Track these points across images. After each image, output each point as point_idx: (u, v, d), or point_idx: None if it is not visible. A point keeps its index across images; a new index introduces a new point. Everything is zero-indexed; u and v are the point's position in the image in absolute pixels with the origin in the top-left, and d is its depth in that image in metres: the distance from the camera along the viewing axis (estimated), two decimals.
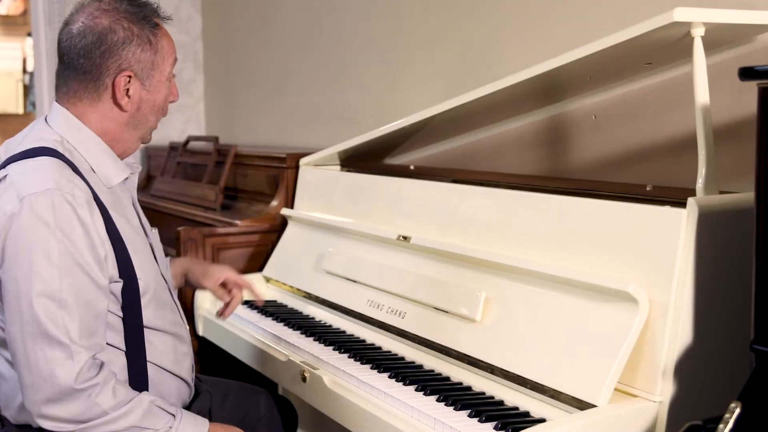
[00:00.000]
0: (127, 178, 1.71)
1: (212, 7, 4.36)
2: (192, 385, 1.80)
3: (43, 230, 1.47)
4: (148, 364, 1.65)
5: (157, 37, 1.65)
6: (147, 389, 1.64)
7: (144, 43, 1.63)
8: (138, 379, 1.63)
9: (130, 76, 1.63)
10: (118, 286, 1.59)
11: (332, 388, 1.76)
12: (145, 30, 1.63)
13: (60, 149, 1.59)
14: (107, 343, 1.59)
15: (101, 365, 1.52)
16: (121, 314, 1.60)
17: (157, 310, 1.67)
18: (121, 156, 1.71)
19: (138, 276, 1.62)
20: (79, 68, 1.62)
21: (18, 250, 1.47)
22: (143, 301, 1.63)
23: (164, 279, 1.76)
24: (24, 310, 1.47)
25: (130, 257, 1.60)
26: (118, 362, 1.61)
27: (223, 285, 2.04)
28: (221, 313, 2.02)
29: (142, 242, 1.70)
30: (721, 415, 1.12)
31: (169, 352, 1.70)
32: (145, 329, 1.64)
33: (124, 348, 1.61)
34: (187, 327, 1.83)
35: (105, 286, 1.54)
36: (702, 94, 1.53)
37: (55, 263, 1.47)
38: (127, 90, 1.63)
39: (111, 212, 1.60)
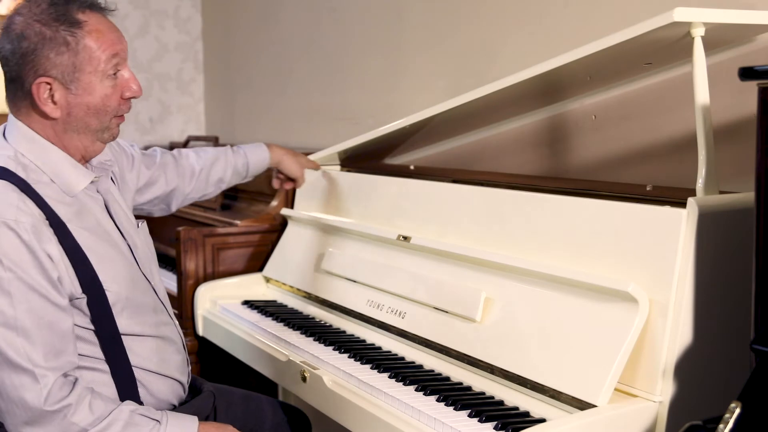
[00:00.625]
0: (93, 182, 1.66)
1: (212, 7, 4.36)
2: (185, 382, 1.78)
3: None
4: (134, 368, 1.63)
5: (78, 37, 1.54)
6: (137, 392, 1.63)
7: (59, 45, 1.53)
8: (126, 385, 1.61)
9: (49, 83, 1.54)
10: (82, 302, 1.56)
11: (332, 388, 1.76)
12: (61, 31, 1.53)
13: (12, 166, 1.54)
14: (87, 355, 1.57)
15: (75, 382, 1.51)
16: (92, 327, 1.58)
17: (134, 316, 1.64)
18: (83, 160, 1.65)
19: (106, 287, 1.58)
20: (6, 77, 1.57)
21: None
22: (115, 311, 1.60)
23: (146, 278, 1.72)
24: None
25: (95, 270, 1.57)
26: (102, 371, 1.59)
27: None
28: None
29: (114, 248, 1.65)
30: (721, 415, 1.12)
31: (152, 355, 1.67)
32: (122, 337, 1.61)
33: (103, 357, 1.59)
34: (176, 322, 1.80)
35: (65, 305, 1.52)
36: (702, 94, 1.53)
37: (5, 291, 1.46)
38: (52, 96, 1.55)
39: (70, 225, 1.56)
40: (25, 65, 1.54)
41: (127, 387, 1.61)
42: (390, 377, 1.74)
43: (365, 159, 2.57)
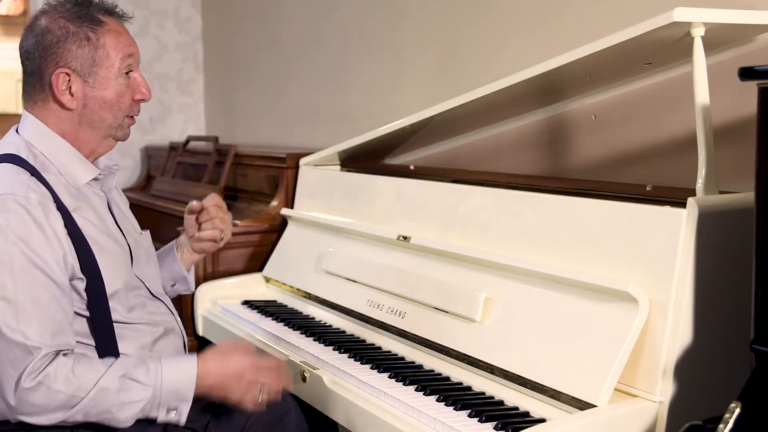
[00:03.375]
0: (97, 179, 1.72)
1: (212, 7, 4.36)
2: None
3: None
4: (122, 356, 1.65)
5: (98, 34, 1.66)
6: None
7: (80, 39, 1.64)
8: None
9: (68, 74, 1.64)
10: (81, 284, 1.60)
11: (332, 388, 1.76)
12: (83, 27, 1.65)
13: (23, 154, 1.62)
14: (79, 341, 1.60)
15: (57, 354, 1.52)
16: (86, 312, 1.62)
17: (128, 311, 1.68)
18: (90, 157, 1.72)
19: (104, 276, 1.62)
20: (27, 71, 1.68)
21: None
22: (110, 301, 1.64)
23: (140, 279, 1.75)
24: None
25: (95, 256, 1.62)
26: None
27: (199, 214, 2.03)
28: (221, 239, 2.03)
29: (114, 244, 1.70)
30: (721, 415, 1.12)
31: (146, 345, 1.70)
32: (115, 325, 1.65)
33: (93, 344, 1.63)
34: (178, 321, 1.83)
35: (66, 285, 1.56)
36: (702, 94, 1.53)
37: (7, 265, 1.50)
38: (70, 88, 1.65)
39: (74, 214, 1.62)
40: (47, 57, 1.64)
41: None
42: (390, 377, 1.74)
43: (365, 159, 2.58)
